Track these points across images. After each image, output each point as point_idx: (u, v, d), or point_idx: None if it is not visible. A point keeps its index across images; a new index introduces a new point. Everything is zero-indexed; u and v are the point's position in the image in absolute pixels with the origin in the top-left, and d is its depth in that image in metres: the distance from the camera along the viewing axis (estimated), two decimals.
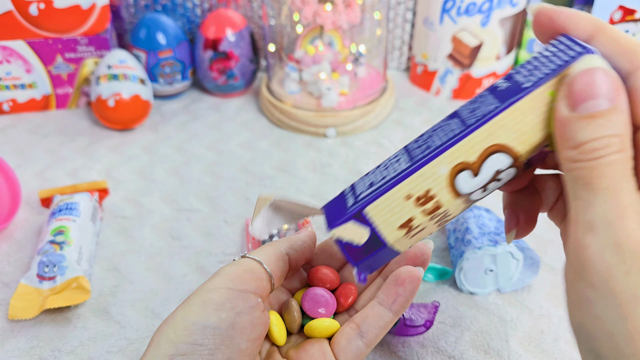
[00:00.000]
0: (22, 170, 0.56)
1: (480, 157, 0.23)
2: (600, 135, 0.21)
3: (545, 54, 0.23)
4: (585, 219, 0.21)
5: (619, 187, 0.20)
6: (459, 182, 0.24)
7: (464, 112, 0.25)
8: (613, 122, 0.21)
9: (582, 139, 0.21)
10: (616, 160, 0.20)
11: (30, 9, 0.60)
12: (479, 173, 0.24)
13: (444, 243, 0.47)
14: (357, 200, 0.26)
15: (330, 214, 0.27)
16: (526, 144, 0.23)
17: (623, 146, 0.21)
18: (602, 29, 0.23)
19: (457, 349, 0.38)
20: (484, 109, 0.24)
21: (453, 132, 0.24)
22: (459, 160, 0.24)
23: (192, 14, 0.70)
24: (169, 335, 0.26)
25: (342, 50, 0.64)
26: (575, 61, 0.22)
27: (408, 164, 0.25)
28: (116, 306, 0.41)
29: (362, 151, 0.59)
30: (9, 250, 0.47)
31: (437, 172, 0.24)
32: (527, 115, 0.23)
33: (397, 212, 0.25)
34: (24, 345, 0.39)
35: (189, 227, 0.49)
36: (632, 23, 0.62)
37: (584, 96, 0.21)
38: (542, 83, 0.22)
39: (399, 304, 0.30)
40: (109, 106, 0.60)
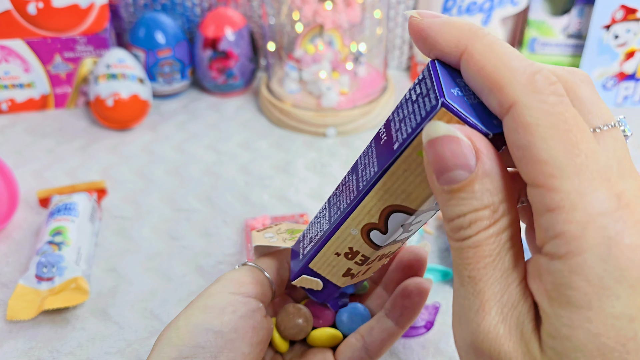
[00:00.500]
0: (20, 170, 0.56)
1: (381, 218, 0.24)
2: (464, 211, 0.18)
3: (413, 97, 0.21)
4: (454, 309, 0.19)
5: (483, 276, 0.18)
6: (373, 238, 0.25)
7: (359, 168, 0.25)
8: (476, 192, 0.18)
9: (450, 214, 0.18)
10: (481, 241, 0.18)
11: (28, 8, 0.60)
12: (386, 231, 0.24)
13: (444, 244, 0.46)
14: (304, 255, 0.28)
15: (293, 261, 0.30)
16: (417, 201, 0.22)
17: (494, 217, 0.18)
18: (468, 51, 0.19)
19: None
20: (368, 171, 0.23)
21: (352, 194, 0.24)
22: (364, 222, 0.24)
23: (191, 13, 0.70)
24: (171, 339, 0.26)
25: (342, 49, 0.64)
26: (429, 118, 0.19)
27: (327, 226, 0.26)
28: (115, 307, 0.41)
29: (361, 151, 0.59)
30: (7, 250, 0.46)
31: (350, 233, 0.25)
32: (406, 178, 0.21)
33: (335, 265, 0.27)
34: (23, 346, 0.38)
35: (188, 228, 0.49)
36: (633, 22, 0.62)
37: (438, 168, 0.18)
38: (407, 144, 0.20)
39: (406, 316, 0.30)
40: (108, 106, 0.59)
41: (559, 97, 0.17)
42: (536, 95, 0.17)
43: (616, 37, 0.63)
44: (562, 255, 0.16)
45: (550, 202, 0.17)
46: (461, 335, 0.19)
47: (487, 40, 0.19)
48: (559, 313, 0.16)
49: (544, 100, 0.17)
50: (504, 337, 0.17)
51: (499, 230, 0.18)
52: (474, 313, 0.18)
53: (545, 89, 0.17)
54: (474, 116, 0.19)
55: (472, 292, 0.18)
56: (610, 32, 0.63)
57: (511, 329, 0.17)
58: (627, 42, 0.63)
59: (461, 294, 0.18)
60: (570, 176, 0.16)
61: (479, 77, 0.18)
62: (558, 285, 0.17)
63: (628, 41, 0.63)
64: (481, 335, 0.18)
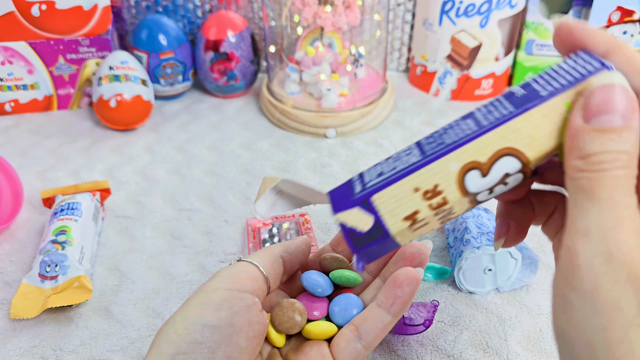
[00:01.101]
0: (24, 171, 0.56)
1: (491, 159, 0.24)
2: (608, 150, 0.21)
3: (564, 67, 0.24)
4: (580, 226, 0.21)
5: (619, 200, 0.21)
6: (467, 181, 0.24)
7: (478, 113, 0.25)
8: (623, 139, 0.21)
9: (591, 150, 0.21)
10: (620, 175, 0.21)
11: (32, 10, 0.60)
12: (488, 174, 0.24)
13: (442, 242, 0.47)
14: (365, 188, 0.26)
15: (336, 199, 0.27)
16: (537, 151, 0.23)
17: (629, 163, 0.21)
18: (618, 47, 0.23)
19: (456, 347, 0.38)
20: (499, 112, 0.24)
21: (466, 131, 0.24)
22: (470, 159, 0.24)
23: (193, 15, 0.70)
24: (169, 335, 0.27)
25: (342, 51, 0.65)
26: (593, 75, 0.22)
27: (419, 158, 0.25)
28: (118, 305, 0.42)
29: (361, 152, 0.59)
30: (11, 249, 0.47)
31: (447, 168, 0.24)
32: (541, 123, 0.23)
33: (404, 203, 0.25)
34: (26, 345, 0.39)
35: (190, 227, 0.49)
36: (630, 24, 0.62)
37: (599, 110, 0.21)
38: (558, 93, 0.23)
39: (398, 305, 0.30)
40: (111, 107, 0.60)
41: None
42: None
43: None
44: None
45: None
46: (591, 247, 0.20)
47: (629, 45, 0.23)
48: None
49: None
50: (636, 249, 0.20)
51: (631, 174, 0.21)
52: (610, 227, 0.20)
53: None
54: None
55: (610, 210, 0.21)
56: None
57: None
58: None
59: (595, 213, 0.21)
60: None
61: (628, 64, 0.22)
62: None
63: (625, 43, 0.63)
64: (618, 243, 0.20)
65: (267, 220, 0.48)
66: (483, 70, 0.67)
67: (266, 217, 0.30)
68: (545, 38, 0.68)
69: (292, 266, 0.32)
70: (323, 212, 0.50)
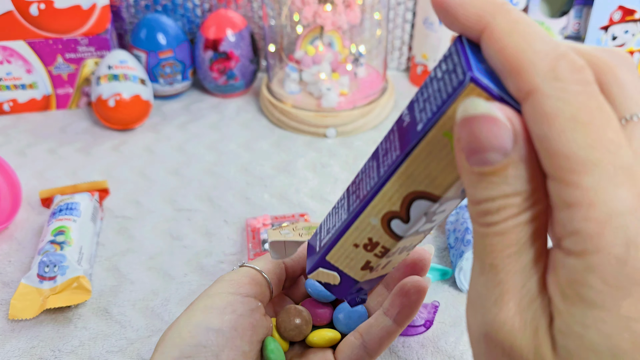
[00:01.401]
0: (22, 171, 0.56)
1: (402, 206, 0.22)
2: (493, 195, 0.17)
3: (438, 75, 0.20)
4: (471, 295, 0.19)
5: (505, 266, 0.17)
6: (394, 228, 0.23)
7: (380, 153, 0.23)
8: (509, 177, 0.16)
9: (477, 197, 0.17)
10: (508, 229, 0.17)
11: (30, 9, 0.60)
12: (408, 219, 0.23)
13: (443, 243, 0.47)
14: (321, 247, 0.27)
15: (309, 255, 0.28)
16: (441, 187, 0.21)
17: (523, 206, 0.17)
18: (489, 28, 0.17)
19: (457, 348, 0.38)
20: (390, 155, 0.22)
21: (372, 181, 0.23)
22: (384, 210, 0.23)
23: (192, 14, 0.70)
24: (173, 339, 0.27)
25: (342, 50, 0.64)
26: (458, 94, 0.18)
27: (346, 215, 0.25)
28: (116, 306, 0.42)
29: (362, 151, 0.59)
30: (10, 250, 0.47)
31: (370, 223, 0.24)
32: (430, 162, 0.20)
33: (353, 257, 0.26)
34: (25, 345, 0.39)
35: (189, 227, 0.49)
36: (631, 23, 0.62)
37: (470, 148, 0.17)
38: (432, 125, 0.19)
39: (404, 314, 0.30)
40: (110, 106, 0.60)
41: (583, 86, 0.16)
42: (557, 83, 0.16)
43: (614, 38, 0.63)
44: (578, 253, 0.16)
45: (568, 198, 0.16)
46: (475, 324, 0.18)
47: (512, 17, 0.17)
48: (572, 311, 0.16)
49: (565, 89, 0.16)
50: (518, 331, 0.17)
51: (528, 219, 0.17)
52: (491, 303, 0.17)
53: (568, 76, 0.16)
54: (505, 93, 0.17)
55: (492, 280, 0.17)
56: (609, 33, 0.63)
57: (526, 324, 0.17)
58: (625, 43, 0.63)
59: (480, 282, 0.18)
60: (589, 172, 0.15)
61: (499, 58, 0.17)
62: (572, 282, 0.16)
63: (626, 42, 0.63)
64: (496, 326, 0.17)
65: (267, 220, 0.48)
66: None
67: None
68: None
69: (294, 271, 0.32)
70: (323, 212, 0.50)
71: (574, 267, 0.16)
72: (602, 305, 0.15)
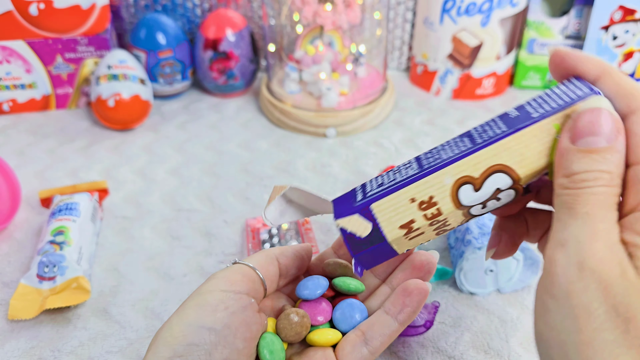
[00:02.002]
0: (22, 171, 0.56)
1: (483, 174, 0.25)
2: (592, 169, 0.23)
3: (556, 91, 0.25)
4: (559, 238, 0.23)
5: (597, 214, 0.22)
6: (461, 194, 0.25)
7: (474, 132, 0.27)
8: (607, 159, 0.23)
9: (576, 169, 0.23)
10: (600, 192, 0.22)
11: (30, 9, 0.60)
12: (480, 188, 0.25)
13: (444, 243, 0.47)
14: (365, 197, 0.28)
15: (339, 205, 0.29)
16: (527, 169, 0.24)
17: (611, 182, 0.23)
18: (608, 72, 0.25)
19: (457, 349, 0.38)
20: (492, 131, 0.25)
21: (462, 148, 0.26)
22: (464, 173, 0.25)
23: (192, 14, 0.70)
24: (165, 338, 0.27)
25: (342, 50, 0.64)
26: (582, 100, 0.24)
27: (417, 170, 0.27)
28: (116, 306, 0.41)
29: (362, 151, 0.59)
30: (9, 250, 0.47)
31: (442, 181, 0.26)
32: (531, 142, 0.24)
33: (401, 212, 0.27)
34: (24, 346, 0.39)
35: (188, 227, 0.49)
36: (632, 23, 0.62)
37: (585, 132, 0.23)
38: (548, 115, 0.24)
39: (406, 314, 0.31)
40: (109, 106, 0.60)
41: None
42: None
43: (615, 38, 0.63)
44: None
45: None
46: (567, 256, 0.22)
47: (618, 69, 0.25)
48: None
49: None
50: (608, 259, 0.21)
51: (612, 192, 0.23)
52: (586, 239, 0.22)
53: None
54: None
55: (587, 223, 0.22)
56: (609, 32, 0.63)
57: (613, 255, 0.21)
58: (625, 42, 0.63)
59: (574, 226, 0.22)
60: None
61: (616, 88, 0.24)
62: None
63: (627, 42, 0.63)
64: (590, 254, 0.21)
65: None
66: (484, 69, 0.67)
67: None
68: (547, 37, 0.68)
69: (287, 270, 0.32)
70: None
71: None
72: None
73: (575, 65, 0.25)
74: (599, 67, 0.25)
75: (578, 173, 0.23)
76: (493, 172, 0.25)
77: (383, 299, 0.33)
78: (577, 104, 0.24)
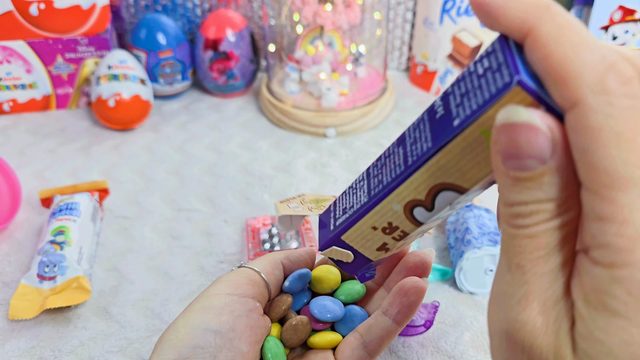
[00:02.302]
0: (22, 171, 0.56)
1: (428, 195, 0.22)
2: (527, 200, 0.17)
3: (478, 71, 0.19)
4: (494, 291, 0.19)
5: (532, 267, 0.17)
6: (416, 215, 0.24)
7: (407, 142, 0.23)
8: (545, 184, 0.17)
9: (511, 199, 0.17)
10: (538, 232, 0.17)
11: (30, 9, 0.60)
12: (432, 207, 0.23)
13: (444, 243, 0.47)
14: (336, 226, 0.27)
15: (321, 229, 0.29)
16: (472, 180, 0.21)
17: (553, 213, 0.17)
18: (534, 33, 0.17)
19: (457, 348, 0.38)
20: (420, 145, 0.22)
21: (398, 169, 0.23)
22: (409, 198, 0.23)
23: (192, 14, 0.70)
24: (171, 340, 0.27)
25: (342, 50, 0.64)
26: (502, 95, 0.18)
27: (367, 199, 0.25)
28: (116, 306, 0.42)
29: (362, 151, 0.59)
30: (9, 250, 0.47)
31: (392, 208, 0.24)
32: (463, 156, 0.20)
33: (370, 239, 0.26)
34: (25, 345, 0.39)
35: (189, 227, 0.49)
36: (632, 23, 0.62)
37: (510, 154, 0.17)
38: (471, 122, 0.19)
39: (403, 314, 0.30)
40: (109, 106, 0.60)
41: (631, 100, 0.15)
42: (604, 96, 0.15)
43: (614, 38, 0.63)
44: (606, 264, 0.16)
45: (602, 211, 0.16)
46: (496, 321, 0.18)
47: (558, 22, 0.16)
48: (594, 317, 0.16)
49: (612, 103, 0.15)
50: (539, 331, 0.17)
51: (558, 224, 0.17)
52: (515, 301, 0.17)
53: (616, 90, 0.15)
54: (548, 97, 0.17)
55: (518, 280, 0.17)
56: (609, 33, 0.63)
57: (549, 325, 0.17)
58: (625, 43, 0.63)
59: (506, 280, 0.18)
60: (627, 189, 0.15)
61: (543, 65, 0.16)
62: (597, 290, 0.16)
63: (627, 42, 0.63)
64: (518, 325, 0.17)
65: (267, 220, 0.48)
66: None
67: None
68: None
69: (292, 273, 0.32)
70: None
71: (600, 276, 0.16)
72: (626, 315, 0.15)
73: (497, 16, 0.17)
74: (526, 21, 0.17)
75: (513, 204, 0.17)
76: (437, 191, 0.22)
77: (381, 302, 0.32)
78: (498, 102, 0.18)
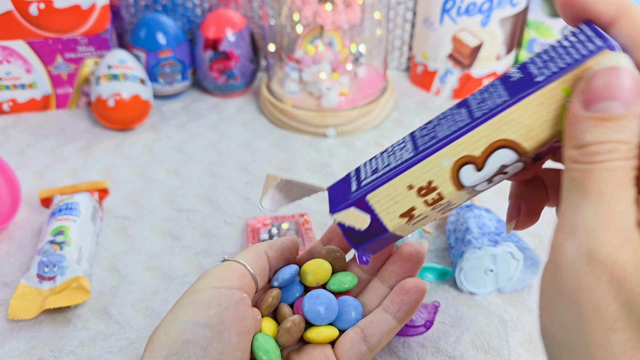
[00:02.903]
0: (22, 171, 0.56)
1: (485, 152, 0.23)
2: (606, 140, 0.19)
3: (564, 44, 0.22)
4: (567, 223, 0.20)
5: (611, 195, 0.19)
6: (462, 175, 0.23)
7: (472, 102, 0.24)
8: (624, 127, 0.19)
9: (588, 140, 0.20)
10: (617, 167, 0.19)
11: (30, 9, 0.60)
12: (483, 167, 0.23)
13: (444, 243, 0.47)
14: (360, 186, 0.26)
15: (334, 197, 0.27)
16: (534, 141, 0.22)
17: (628, 154, 0.19)
18: (625, 14, 0.21)
19: (457, 349, 0.38)
20: (492, 101, 0.23)
21: (459, 123, 0.23)
22: (463, 153, 0.23)
23: (192, 14, 0.70)
24: (160, 337, 0.27)
25: (342, 50, 0.64)
26: (594, 56, 0.20)
27: (412, 154, 0.24)
28: (116, 306, 0.41)
29: (362, 151, 0.59)
30: (9, 250, 0.47)
31: (440, 164, 0.23)
32: (536, 112, 0.21)
33: (399, 201, 0.25)
34: (24, 346, 0.39)
35: (188, 227, 0.49)
36: None
37: (600, 95, 0.19)
38: (555, 78, 0.21)
39: (404, 311, 0.31)
40: (109, 106, 0.60)
41: None
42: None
43: None
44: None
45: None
46: (575, 245, 0.19)
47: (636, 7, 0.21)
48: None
49: None
50: (621, 248, 0.19)
51: (630, 166, 0.20)
52: (596, 224, 0.19)
53: None
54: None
55: (598, 206, 0.19)
56: None
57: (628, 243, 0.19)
58: None
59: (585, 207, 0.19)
60: None
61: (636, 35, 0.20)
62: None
63: None
64: (602, 243, 0.19)
65: (267, 220, 0.48)
66: (484, 69, 0.67)
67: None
68: (547, 37, 0.68)
69: (277, 262, 0.33)
70: (323, 212, 0.50)
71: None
72: None
73: (586, 5, 0.21)
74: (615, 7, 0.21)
75: (591, 144, 0.19)
76: (496, 148, 0.22)
77: (375, 293, 0.33)
78: (589, 61, 0.20)
